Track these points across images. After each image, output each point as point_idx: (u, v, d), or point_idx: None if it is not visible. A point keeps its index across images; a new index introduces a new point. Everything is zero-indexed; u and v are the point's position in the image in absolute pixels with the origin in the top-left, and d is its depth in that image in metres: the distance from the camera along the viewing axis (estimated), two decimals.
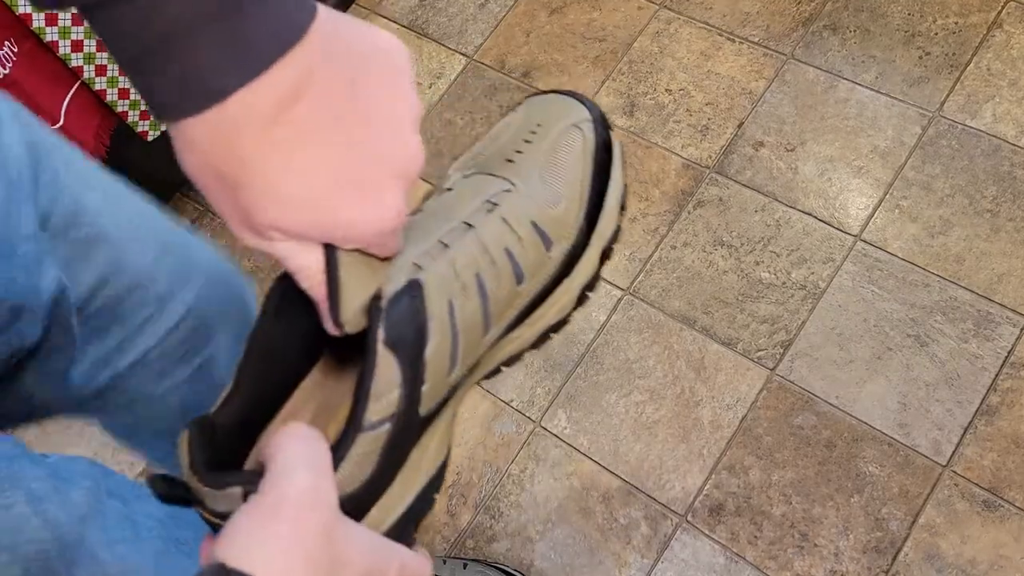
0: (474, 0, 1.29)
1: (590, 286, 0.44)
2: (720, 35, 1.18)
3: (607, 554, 0.92)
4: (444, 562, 0.88)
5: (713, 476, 0.94)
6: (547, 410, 1.00)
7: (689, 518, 0.92)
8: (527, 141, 0.43)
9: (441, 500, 0.98)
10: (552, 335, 0.45)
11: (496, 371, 0.44)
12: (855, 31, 1.15)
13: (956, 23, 1.13)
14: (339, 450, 0.33)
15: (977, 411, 0.92)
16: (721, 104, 1.14)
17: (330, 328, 0.34)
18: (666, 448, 0.96)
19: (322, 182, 0.31)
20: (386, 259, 0.36)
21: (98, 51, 0.95)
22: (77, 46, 0.93)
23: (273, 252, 0.33)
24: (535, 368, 1.02)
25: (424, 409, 0.37)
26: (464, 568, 0.87)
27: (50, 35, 0.91)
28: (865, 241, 1.02)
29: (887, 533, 0.88)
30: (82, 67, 0.94)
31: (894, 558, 0.87)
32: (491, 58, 1.24)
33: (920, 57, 1.12)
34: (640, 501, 0.94)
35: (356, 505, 0.35)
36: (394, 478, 0.37)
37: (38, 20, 0.89)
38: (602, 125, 0.44)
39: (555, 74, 1.20)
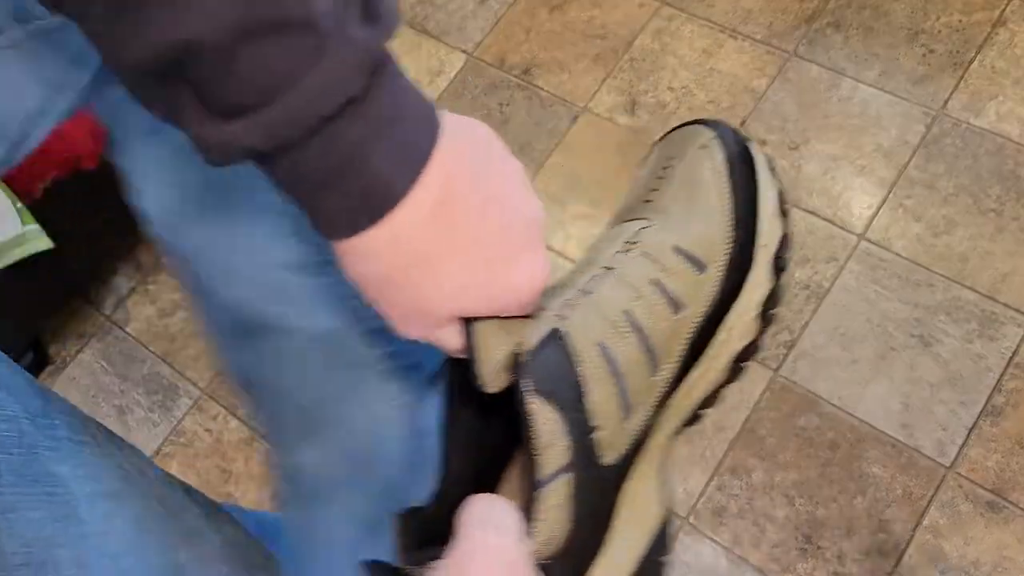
0: None
1: (771, 303, 0.41)
2: (722, 32, 1.17)
3: None
4: None
5: (716, 478, 0.93)
6: None
7: (691, 520, 0.92)
8: (660, 178, 0.43)
9: None
10: (743, 364, 0.42)
11: (695, 417, 0.42)
12: (858, 28, 1.14)
13: (960, 21, 1.12)
14: (527, 509, 0.34)
15: (981, 412, 0.92)
16: (723, 102, 1.13)
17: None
18: None
19: (484, 261, 0.34)
20: (524, 317, 0.37)
21: None
22: None
23: (438, 339, 0.36)
24: None
25: (609, 458, 0.36)
26: None
27: None
28: (869, 240, 1.02)
29: (890, 535, 0.88)
30: None
31: (898, 560, 0.87)
32: (491, 55, 1.23)
33: (924, 55, 1.11)
34: None
35: (572, 567, 0.35)
36: (604, 536, 0.36)
37: None
38: (731, 137, 0.42)
39: (555, 72, 1.19)
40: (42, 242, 0.96)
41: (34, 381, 0.43)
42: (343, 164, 0.30)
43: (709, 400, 0.42)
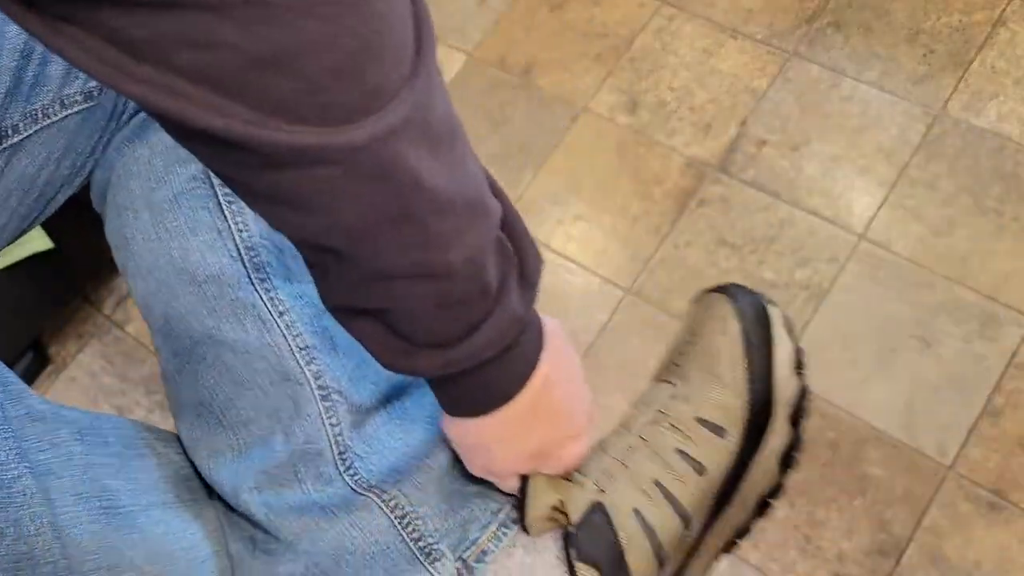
0: None
1: (792, 450, 0.49)
2: (722, 32, 1.17)
3: None
4: None
5: None
6: None
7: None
8: (688, 343, 0.50)
9: None
10: (770, 502, 0.50)
11: (729, 547, 0.50)
12: (858, 28, 1.14)
13: (960, 20, 1.12)
14: None
15: (982, 412, 0.92)
16: (724, 102, 1.13)
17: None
18: None
19: (553, 440, 0.45)
20: (566, 477, 0.47)
21: None
22: None
23: (499, 482, 0.47)
24: None
25: None
26: None
27: None
28: (869, 241, 1.02)
29: (891, 535, 0.88)
30: None
31: (898, 561, 0.87)
32: (491, 55, 1.23)
33: (924, 55, 1.11)
34: None
35: None
36: None
37: None
38: (748, 304, 0.49)
39: (556, 71, 1.19)
40: (42, 242, 0.96)
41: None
42: (481, 378, 0.41)
43: (741, 533, 0.49)
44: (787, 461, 0.49)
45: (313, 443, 0.47)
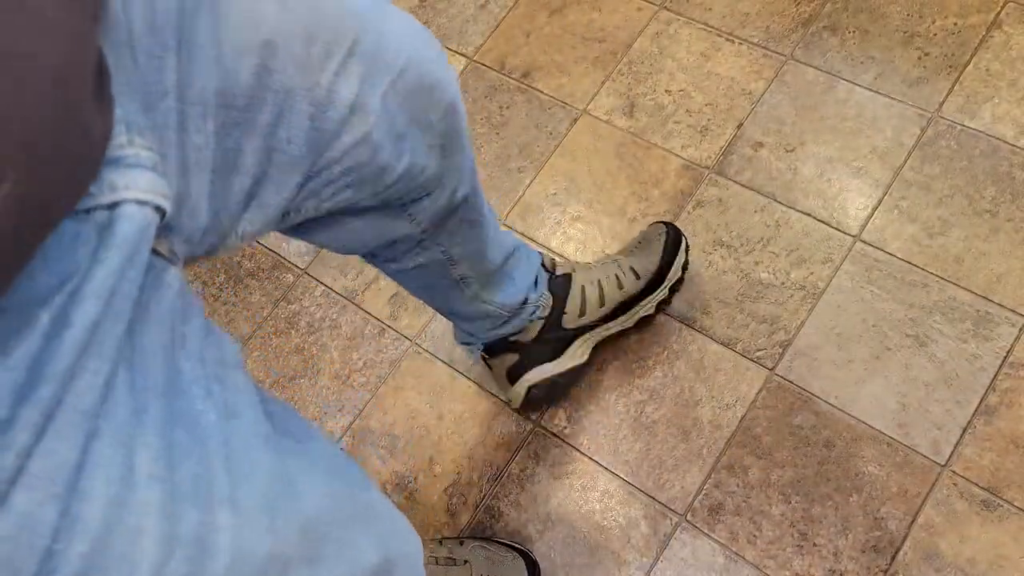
0: (474, 1, 1.29)
1: (663, 305, 0.99)
2: (720, 36, 1.18)
3: (607, 553, 0.92)
4: (441, 543, 0.88)
5: (712, 475, 0.94)
6: (547, 410, 1.00)
7: (688, 517, 0.92)
8: (639, 241, 1.01)
9: (441, 499, 0.98)
10: (647, 319, 1.00)
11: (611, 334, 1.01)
12: (854, 32, 1.15)
13: (955, 24, 1.13)
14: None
15: (976, 411, 0.92)
16: (721, 105, 1.14)
17: None
18: (665, 448, 0.96)
19: None
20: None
21: None
22: None
23: None
24: None
25: (568, 326, 0.95)
26: (461, 545, 0.88)
27: None
28: (864, 241, 1.03)
29: (886, 533, 0.89)
30: None
31: (893, 558, 0.87)
32: (491, 59, 1.24)
33: (919, 58, 1.12)
34: (639, 501, 0.94)
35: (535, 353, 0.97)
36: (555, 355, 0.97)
37: None
38: (675, 232, 0.99)
39: (555, 74, 1.21)
40: None
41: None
42: None
43: (622, 327, 0.99)
44: (659, 307, 0.99)
45: None
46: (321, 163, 0.52)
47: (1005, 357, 0.94)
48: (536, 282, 0.90)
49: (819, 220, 1.05)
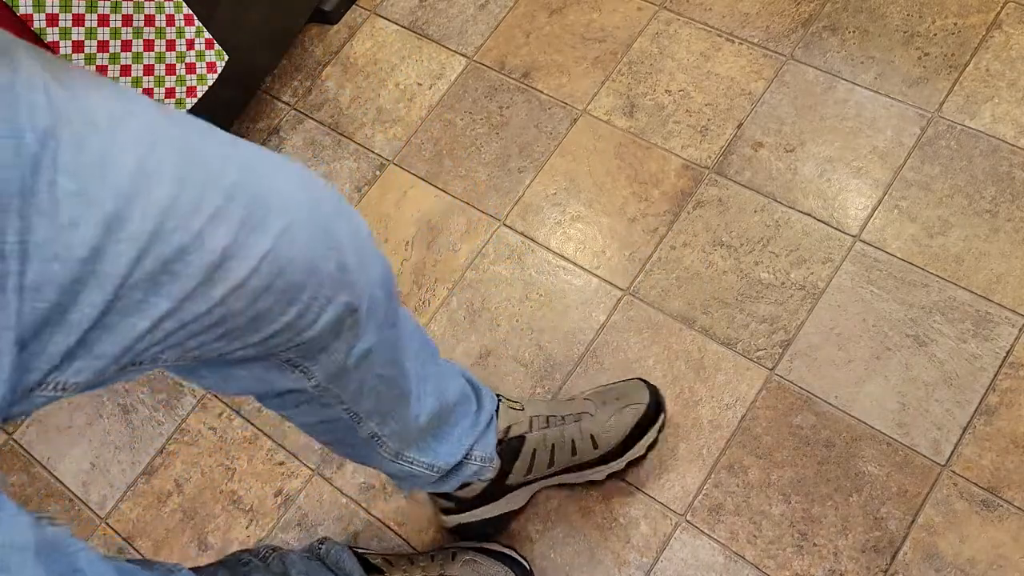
0: (474, 1, 1.29)
1: (615, 474, 0.92)
2: (720, 36, 1.18)
3: (607, 553, 0.92)
4: (433, 558, 0.88)
5: (712, 475, 0.94)
6: None
7: (688, 517, 0.92)
8: (611, 394, 0.92)
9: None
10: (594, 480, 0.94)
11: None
12: (854, 32, 1.15)
13: (955, 24, 1.13)
14: None
15: (976, 411, 0.92)
16: (720, 105, 1.14)
17: None
18: (665, 447, 0.96)
19: None
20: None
21: (99, 52, 0.95)
22: (78, 47, 0.94)
23: None
24: (535, 368, 1.02)
25: (511, 481, 0.87)
26: (453, 559, 0.87)
27: (51, 36, 0.91)
28: (864, 241, 1.03)
29: (886, 532, 0.89)
30: (83, 68, 0.95)
31: (893, 557, 0.87)
32: (491, 59, 1.24)
33: (919, 58, 1.12)
34: (639, 500, 0.94)
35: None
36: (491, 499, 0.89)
37: (39, 21, 0.89)
38: (656, 400, 0.92)
39: (555, 75, 1.21)
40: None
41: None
42: None
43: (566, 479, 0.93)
44: (610, 476, 0.92)
45: None
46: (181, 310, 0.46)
47: (1005, 357, 0.94)
48: (479, 440, 0.80)
49: (819, 220, 1.05)
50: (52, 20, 0.90)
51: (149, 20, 0.96)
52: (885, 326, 0.98)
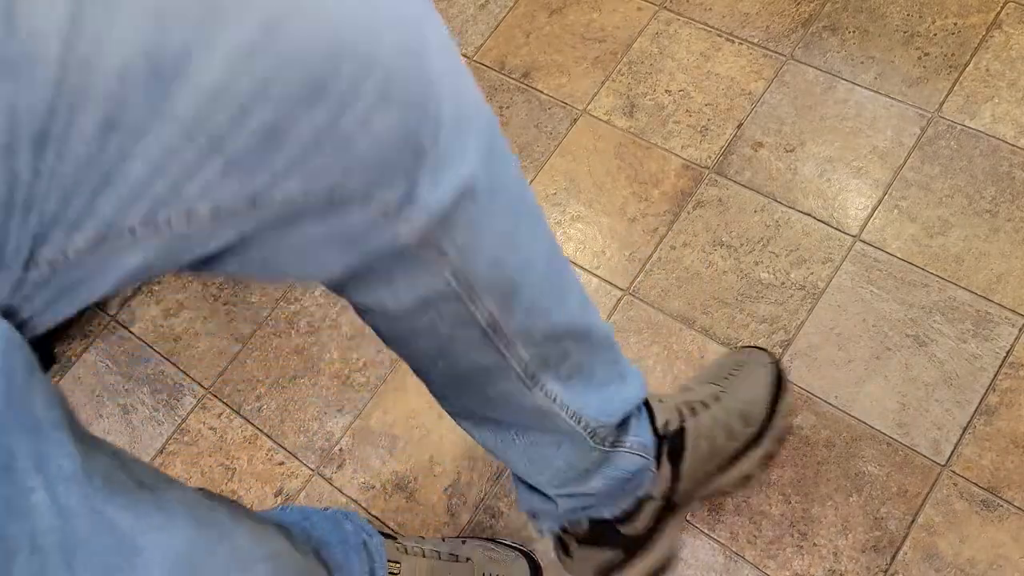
0: (474, 1, 1.29)
1: (767, 458, 0.89)
2: (720, 36, 1.19)
3: None
4: (444, 540, 0.88)
5: None
6: None
7: (688, 517, 0.92)
8: (734, 368, 0.87)
9: (441, 499, 0.98)
10: (751, 478, 0.89)
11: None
12: (854, 32, 1.15)
13: (955, 24, 1.13)
14: None
15: (976, 411, 0.92)
16: (720, 105, 1.14)
17: None
18: None
19: None
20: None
21: None
22: None
23: None
24: None
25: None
26: (463, 544, 0.88)
27: None
28: (864, 241, 1.03)
29: (886, 532, 0.89)
30: None
31: (893, 557, 0.88)
32: (491, 59, 1.24)
33: (919, 58, 1.12)
34: None
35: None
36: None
37: None
38: (777, 366, 0.89)
39: (555, 75, 1.21)
40: None
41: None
42: None
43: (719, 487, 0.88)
44: (762, 464, 0.86)
45: None
46: None
47: (1005, 357, 0.94)
48: (634, 420, 0.64)
49: (819, 220, 1.05)
50: None
51: None
52: (885, 326, 0.98)
